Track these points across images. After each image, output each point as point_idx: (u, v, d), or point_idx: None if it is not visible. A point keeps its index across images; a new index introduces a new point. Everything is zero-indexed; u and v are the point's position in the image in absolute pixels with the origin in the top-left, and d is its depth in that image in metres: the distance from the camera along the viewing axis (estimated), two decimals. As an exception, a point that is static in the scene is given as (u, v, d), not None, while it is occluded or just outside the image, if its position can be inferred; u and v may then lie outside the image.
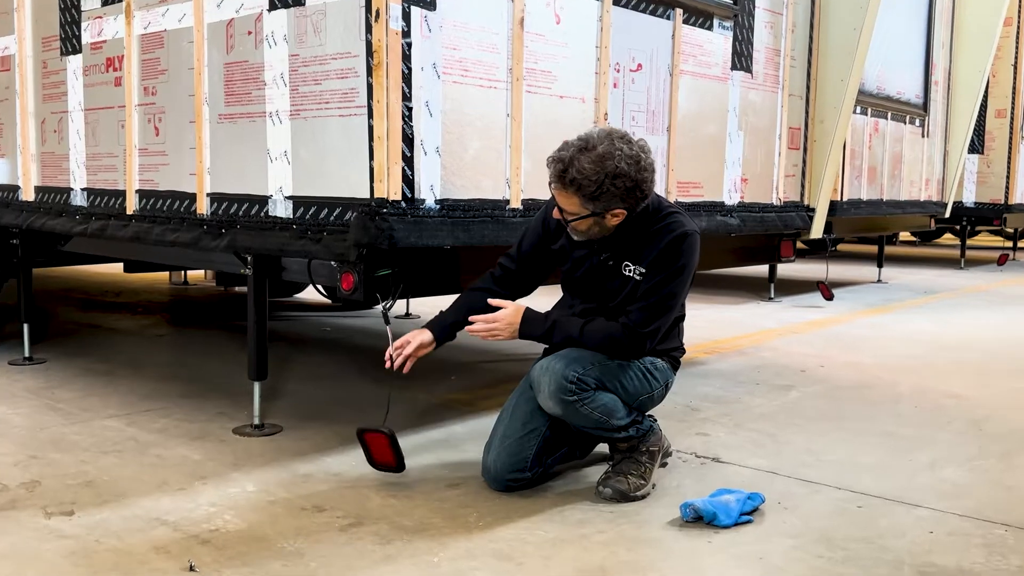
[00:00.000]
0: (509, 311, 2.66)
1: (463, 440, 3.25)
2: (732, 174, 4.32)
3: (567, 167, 2.48)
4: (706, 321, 6.07)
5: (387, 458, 2.71)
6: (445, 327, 2.74)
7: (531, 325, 2.66)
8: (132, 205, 3.65)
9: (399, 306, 5.53)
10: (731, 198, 4.33)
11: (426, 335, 2.71)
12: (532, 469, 2.70)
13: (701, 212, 4.05)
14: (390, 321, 2.82)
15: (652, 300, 2.58)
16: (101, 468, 2.90)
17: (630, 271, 2.62)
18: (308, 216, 2.94)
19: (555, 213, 2.60)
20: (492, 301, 2.70)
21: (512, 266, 2.83)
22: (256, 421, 3.31)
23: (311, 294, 6.71)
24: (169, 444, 3.15)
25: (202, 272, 7.89)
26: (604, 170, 2.45)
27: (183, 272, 7.66)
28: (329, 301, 6.44)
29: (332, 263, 2.95)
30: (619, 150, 2.47)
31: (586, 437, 2.82)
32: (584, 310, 2.73)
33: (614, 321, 2.63)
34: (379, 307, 2.85)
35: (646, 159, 2.51)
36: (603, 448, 2.94)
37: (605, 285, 2.68)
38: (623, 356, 2.64)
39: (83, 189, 3.93)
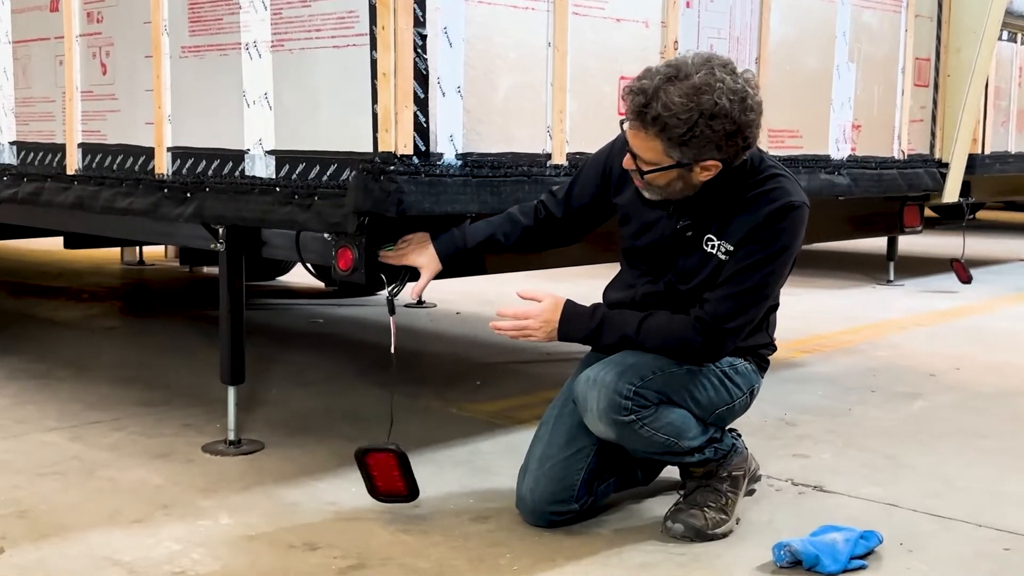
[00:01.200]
0: (545, 305, 2.66)
1: (492, 461, 3.26)
2: (840, 119, 4.30)
3: (650, 100, 2.42)
4: (805, 310, 6.03)
5: (395, 485, 2.72)
6: (461, 247, 2.80)
7: (573, 323, 2.66)
8: (74, 163, 3.66)
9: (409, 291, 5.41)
10: (839, 150, 4.30)
11: (428, 256, 2.79)
12: (580, 499, 2.70)
13: (800, 168, 4.02)
14: (395, 310, 2.82)
15: (738, 288, 2.55)
16: (38, 494, 2.91)
17: (713, 247, 2.59)
18: (295, 176, 2.95)
19: (626, 162, 2.57)
20: (523, 293, 2.71)
21: (558, 213, 2.84)
22: (231, 436, 3.34)
23: (299, 276, 6.73)
24: (123, 464, 3.18)
25: (162, 248, 7.96)
26: (699, 107, 2.39)
27: (138, 248, 7.73)
28: (322, 285, 6.48)
29: (325, 236, 2.96)
30: (720, 82, 2.40)
31: (650, 460, 2.82)
32: (648, 294, 2.71)
33: (683, 314, 2.61)
34: (384, 293, 2.85)
35: (753, 96, 2.46)
36: (672, 472, 2.92)
37: (678, 261, 2.65)
38: (695, 359, 2.62)
39: (12, 143, 3.94)
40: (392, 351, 2.73)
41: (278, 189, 2.97)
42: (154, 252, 7.99)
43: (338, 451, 3.30)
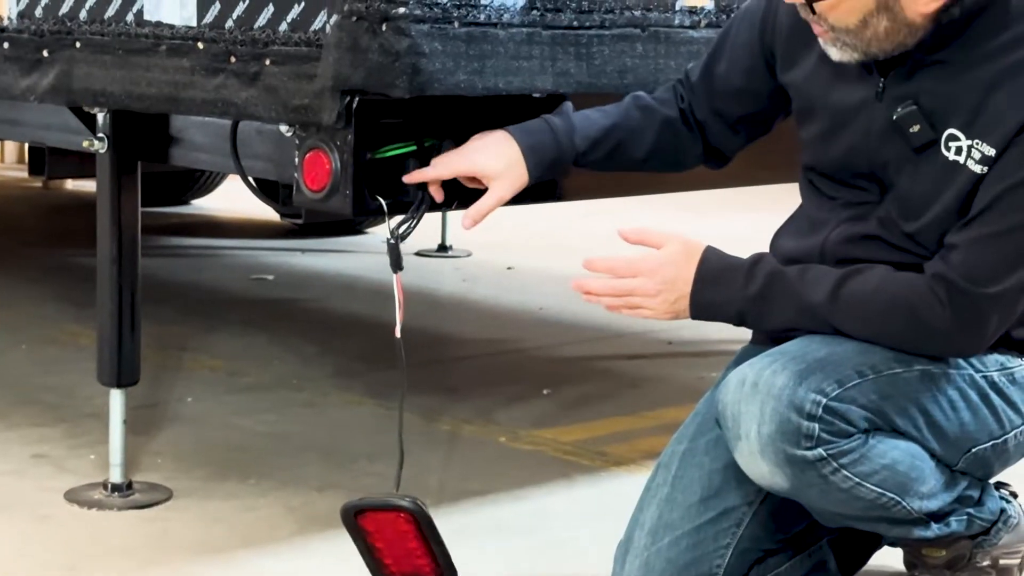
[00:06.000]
0: (669, 254, 2.35)
1: (569, 530, 2.92)
2: None
3: None
4: None
5: (414, 562, 2.46)
6: (567, 149, 2.46)
7: (718, 286, 2.34)
8: None
9: (425, 232, 5.17)
10: None
11: (509, 159, 2.42)
12: (726, 598, 2.38)
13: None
14: (402, 263, 2.48)
15: (1008, 222, 2.20)
16: None
17: (959, 150, 2.23)
18: (231, 23, 2.69)
19: None
20: (630, 233, 2.37)
21: (693, 107, 2.53)
22: (116, 477, 2.98)
23: (234, 200, 6.37)
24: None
25: None
26: None
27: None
28: (276, 217, 6.10)
29: (283, 129, 2.66)
30: None
31: (850, 533, 2.47)
32: (849, 239, 2.34)
33: (913, 271, 2.27)
34: (382, 228, 2.70)
35: None
36: (890, 556, 2.53)
37: (899, 179, 2.30)
38: (933, 348, 2.26)
39: None
40: (397, 334, 2.43)
41: (201, 46, 2.73)
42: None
43: (300, 508, 2.95)
